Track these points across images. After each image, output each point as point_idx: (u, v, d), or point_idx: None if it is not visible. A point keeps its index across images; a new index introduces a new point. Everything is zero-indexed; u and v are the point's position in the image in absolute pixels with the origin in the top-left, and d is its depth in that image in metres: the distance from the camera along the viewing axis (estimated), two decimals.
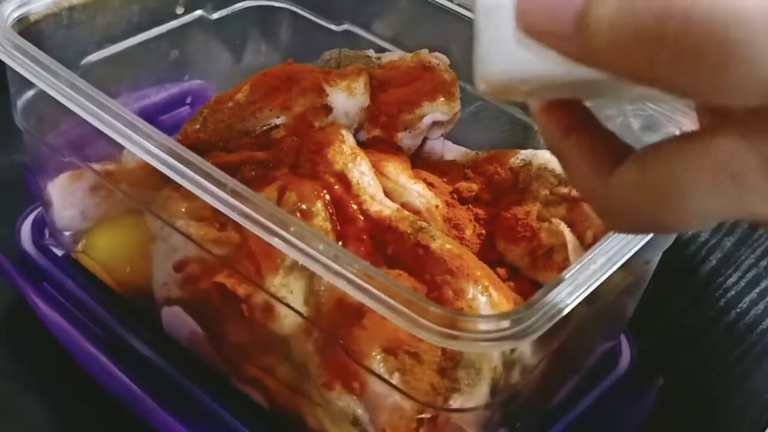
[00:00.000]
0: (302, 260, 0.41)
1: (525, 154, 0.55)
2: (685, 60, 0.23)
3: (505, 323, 0.38)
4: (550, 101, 0.31)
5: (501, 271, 0.49)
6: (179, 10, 0.64)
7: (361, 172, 0.51)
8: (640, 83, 0.25)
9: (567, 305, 0.40)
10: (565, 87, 0.28)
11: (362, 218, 0.49)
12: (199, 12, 0.65)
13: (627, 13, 0.24)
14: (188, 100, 0.68)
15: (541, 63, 0.27)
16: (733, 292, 0.67)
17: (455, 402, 0.43)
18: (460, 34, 0.61)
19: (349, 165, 0.51)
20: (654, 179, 0.27)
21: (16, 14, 0.53)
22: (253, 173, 0.52)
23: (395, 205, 0.50)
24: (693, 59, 0.23)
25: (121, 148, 0.46)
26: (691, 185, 0.26)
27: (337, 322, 0.45)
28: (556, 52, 0.26)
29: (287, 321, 0.47)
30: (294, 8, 0.69)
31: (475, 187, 0.54)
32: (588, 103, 0.31)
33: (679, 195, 0.26)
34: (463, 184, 0.54)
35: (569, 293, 0.40)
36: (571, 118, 0.30)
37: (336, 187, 0.50)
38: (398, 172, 0.53)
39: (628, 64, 0.25)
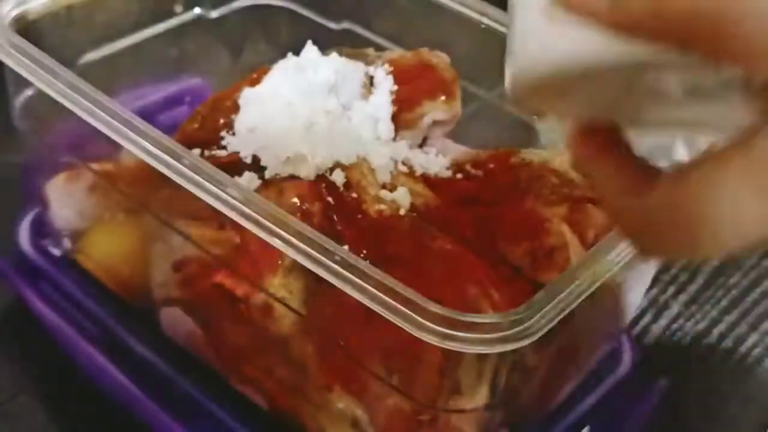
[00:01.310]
0: (302, 260, 0.41)
1: (526, 153, 0.55)
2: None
3: (505, 323, 0.38)
4: (585, 125, 0.29)
5: (501, 271, 0.49)
6: (178, 9, 0.64)
7: (361, 172, 0.51)
8: (680, 47, 0.24)
9: (568, 306, 0.39)
10: (598, 88, 0.27)
11: (362, 218, 0.49)
12: (197, 11, 0.65)
13: None
14: (187, 99, 0.67)
15: (570, 45, 0.26)
16: (734, 293, 0.67)
17: (455, 403, 0.43)
18: (460, 33, 0.61)
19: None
20: (693, 190, 0.25)
21: (14, 13, 0.53)
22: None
23: (396, 205, 0.50)
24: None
25: (120, 147, 0.46)
26: (732, 192, 0.24)
27: (336, 322, 0.45)
28: (588, 24, 0.25)
29: (286, 321, 0.46)
30: (293, 7, 0.69)
31: (475, 186, 0.54)
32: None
33: (719, 204, 0.25)
34: (463, 184, 0.54)
35: (570, 294, 0.40)
36: (605, 139, 0.29)
37: (336, 187, 0.49)
38: (398, 171, 0.53)
39: (667, 26, 0.24)
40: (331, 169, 0.50)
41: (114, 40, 0.60)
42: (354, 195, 0.49)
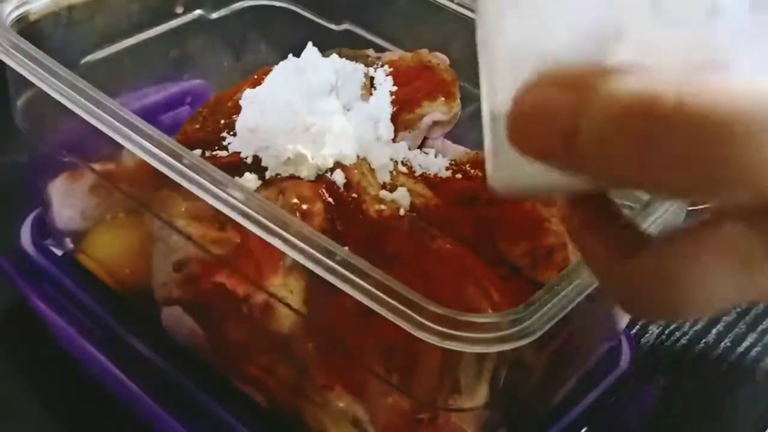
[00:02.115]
0: (302, 260, 0.41)
1: None
2: (678, 160, 0.23)
3: (505, 323, 0.38)
4: (573, 196, 0.31)
5: (501, 271, 0.49)
6: (179, 10, 0.64)
7: (361, 172, 0.51)
8: (636, 189, 0.25)
9: (567, 305, 0.40)
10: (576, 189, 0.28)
11: (362, 218, 0.49)
12: (198, 11, 0.65)
13: (611, 121, 0.24)
14: (188, 99, 0.68)
15: (541, 174, 0.27)
16: None
17: (455, 402, 0.43)
18: (460, 34, 0.61)
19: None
20: (667, 264, 0.27)
21: (15, 14, 0.53)
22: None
23: (396, 205, 0.50)
24: (686, 159, 0.23)
25: (121, 148, 0.46)
26: (702, 269, 0.26)
27: (336, 322, 0.45)
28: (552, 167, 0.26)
29: (287, 321, 0.47)
30: (294, 8, 0.69)
31: (474, 186, 0.54)
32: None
33: (691, 279, 0.26)
34: (463, 184, 0.54)
35: (569, 293, 0.40)
36: (593, 210, 0.30)
37: (336, 187, 0.50)
38: (398, 171, 0.53)
39: (620, 173, 0.25)
40: (332, 170, 0.50)
41: (115, 40, 0.60)
42: (354, 195, 0.50)
